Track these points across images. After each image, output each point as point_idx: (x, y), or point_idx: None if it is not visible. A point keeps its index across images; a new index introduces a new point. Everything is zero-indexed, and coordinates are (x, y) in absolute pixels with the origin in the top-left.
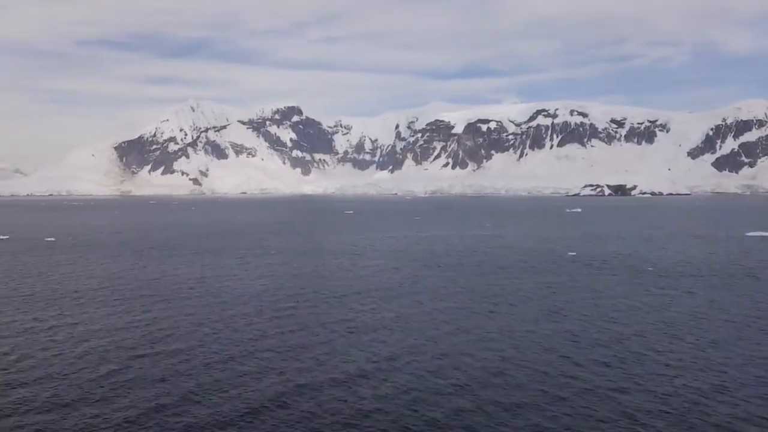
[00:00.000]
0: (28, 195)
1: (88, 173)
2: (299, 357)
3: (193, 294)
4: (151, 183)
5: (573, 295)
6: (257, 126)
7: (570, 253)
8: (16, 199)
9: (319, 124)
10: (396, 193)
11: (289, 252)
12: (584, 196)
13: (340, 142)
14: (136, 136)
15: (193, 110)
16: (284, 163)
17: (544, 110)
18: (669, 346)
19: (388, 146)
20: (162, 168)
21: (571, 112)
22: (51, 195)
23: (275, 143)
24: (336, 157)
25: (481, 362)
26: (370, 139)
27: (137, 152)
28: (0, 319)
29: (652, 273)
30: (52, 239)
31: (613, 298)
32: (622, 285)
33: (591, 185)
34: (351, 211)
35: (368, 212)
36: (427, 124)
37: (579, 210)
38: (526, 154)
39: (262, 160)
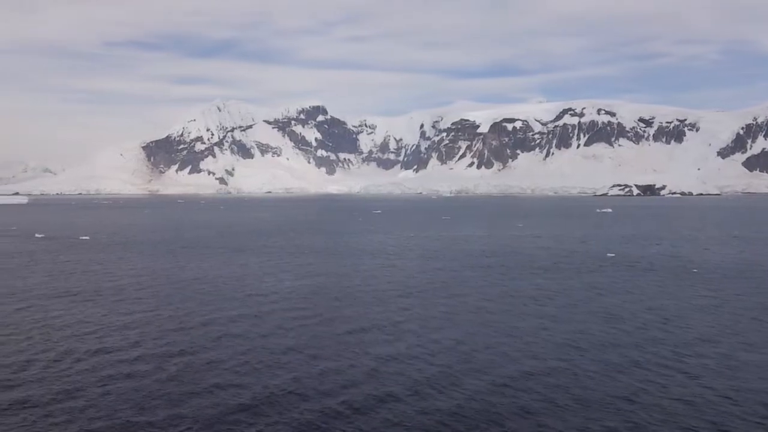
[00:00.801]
0: (57, 194)
1: (117, 172)
2: (355, 356)
3: (234, 292)
4: (178, 182)
5: (623, 297)
6: (283, 125)
7: (609, 254)
8: (47, 198)
9: (344, 123)
10: (421, 193)
11: (325, 251)
12: (612, 196)
13: (365, 142)
14: (164, 136)
15: (220, 110)
16: (309, 162)
17: (570, 109)
18: (736, 349)
19: (412, 146)
20: (189, 167)
21: (599, 111)
22: (80, 194)
23: (300, 143)
24: (361, 156)
25: (548, 366)
26: (395, 138)
27: (164, 151)
28: (48, 315)
29: (699, 275)
30: (87, 238)
31: (665, 299)
32: (671, 287)
33: (619, 185)
34: (379, 211)
35: (396, 212)
36: (452, 124)
37: (610, 210)
38: (553, 154)
39: (288, 159)
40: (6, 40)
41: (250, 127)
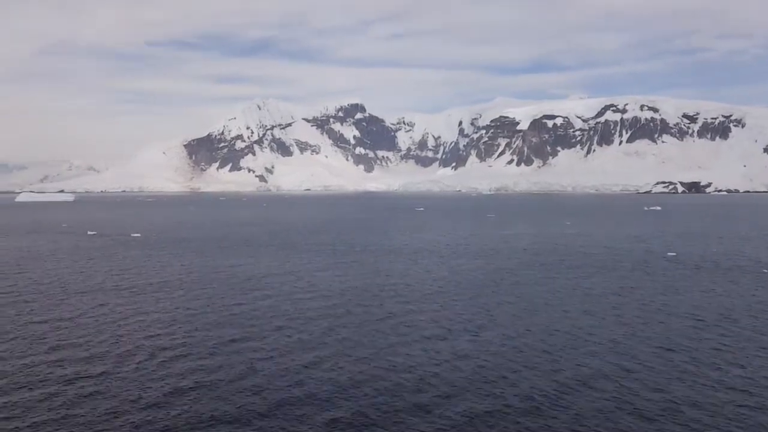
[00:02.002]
0: (101, 191)
1: (159, 170)
2: (424, 352)
3: (295, 290)
4: (218, 180)
5: (698, 298)
6: (321, 123)
7: (670, 253)
8: (92, 196)
9: (382, 121)
10: (459, 190)
11: (379, 249)
12: (656, 193)
13: (403, 139)
14: (205, 134)
15: (260, 108)
16: (347, 160)
17: (612, 105)
18: None
19: (451, 143)
20: (229, 165)
21: (642, 107)
22: (123, 191)
23: (339, 140)
24: (399, 154)
25: (633, 371)
26: (433, 135)
27: (206, 150)
28: (112, 309)
29: None
30: (138, 235)
31: (743, 301)
32: (746, 288)
33: (663, 182)
34: (422, 208)
35: (440, 210)
36: (491, 121)
37: (659, 208)
38: (594, 151)
39: (326, 157)
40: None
41: (290, 125)
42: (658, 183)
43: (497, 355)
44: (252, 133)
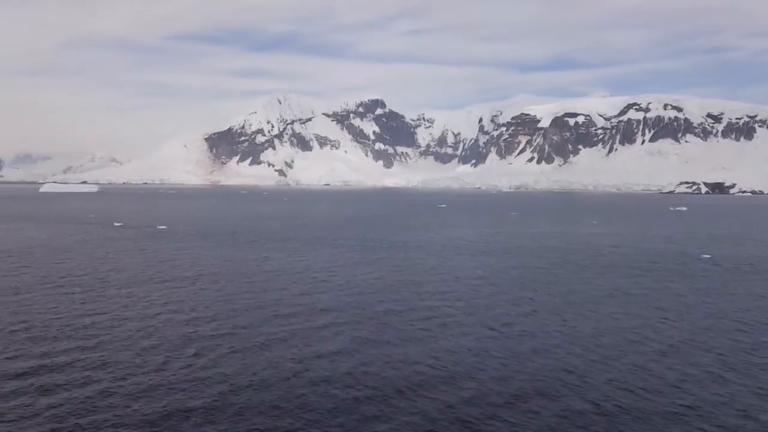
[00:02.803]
0: (123, 183)
1: (180, 163)
2: (469, 352)
3: (327, 284)
4: (239, 173)
5: (742, 302)
6: (341, 119)
7: (704, 255)
8: (114, 187)
9: (402, 117)
10: (479, 188)
11: (404, 246)
12: (679, 193)
13: (423, 136)
14: (226, 128)
15: (280, 103)
16: (367, 155)
17: (635, 104)
18: None
19: (470, 140)
20: (249, 159)
21: (665, 106)
22: (145, 183)
23: (358, 136)
24: (418, 150)
25: (695, 377)
26: (453, 132)
27: (226, 143)
28: (150, 301)
29: None
30: (164, 227)
31: None
32: None
33: (687, 183)
34: (444, 205)
35: (461, 207)
36: (512, 118)
37: (684, 208)
38: (616, 149)
39: (346, 152)
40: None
41: (310, 120)
42: (681, 183)
43: (548, 357)
44: (272, 127)
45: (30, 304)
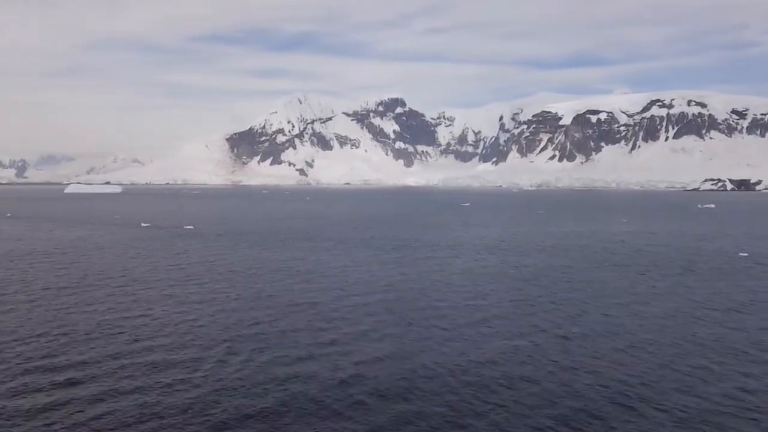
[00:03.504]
0: (146, 183)
1: (202, 163)
2: (513, 354)
3: (359, 284)
4: (259, 173)
5: None
6: (361, 118)
7: (742, 254)
8: (137, 187)
9: (422, 115)
10: (500, 186)
11: (435, 245)
12: (704, 191)
13: (443, 134)
14: (247, 128)
15: (301, 103)
16: (387, 154)
17: (658, 100)
18: None
19: (491, 138)
20: (270, 159)
21: (689, 102)
22: (167, 183)
23: (378, 135)
24: (438, 148)
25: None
26: (473, 130)
27: (247, 143)
28: (183, 300)
29: None
30: (191, 227)
31: None
32: None
33: (711, 180)
34: (468, 204)
35: (486, 205)
36: (533, 116)
37: (712, 206)
38: (639, 147)
39: (366, 151)
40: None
41: (330, 119)
42: (706, 180)
43: (607, 360)
44: (293, 127)
45: (71, 305)
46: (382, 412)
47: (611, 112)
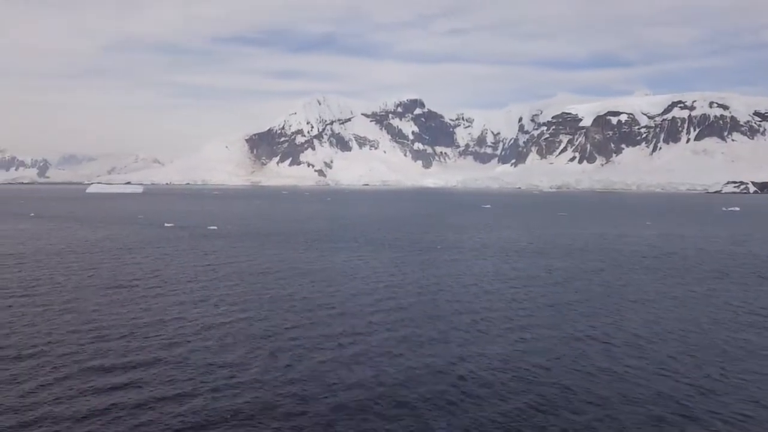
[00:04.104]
0: (166, 183)
1: (222, 164)
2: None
3: (394, 288)
4: (279, 174)
5: None
6: (380, 119)
7: None
8: (158, 188)
9: (441, 117)
10: (519, 188)
11: (461, 247)
12: (727, 193)
13: (462, 135)
14: (266, 129)
15: (320, 103)
16: (406, 155)
17: (680, 102)
18: None
19: (510, 139)
20: (289, 159)
21: (711, 104)
22: (187, 184)
23: (397, 136)
24: (457, 150)
25: None
26: (492, 132)
27: (266, 144)
28: (219, 300)
29: None
30: (215, 228)
31: None
32: None
33: (734, 182)
34: (489, 206)
35: (507, 207)
36: (553, 117)
37: (737, 209)
38: (660, 149)
39: (385, 152)
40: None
41: (349, 120)
42: (728, 183)
43: (646, 366)
44: (312, 128)
45: (104, 305)
46: (434, 419)
47: (632, 114)
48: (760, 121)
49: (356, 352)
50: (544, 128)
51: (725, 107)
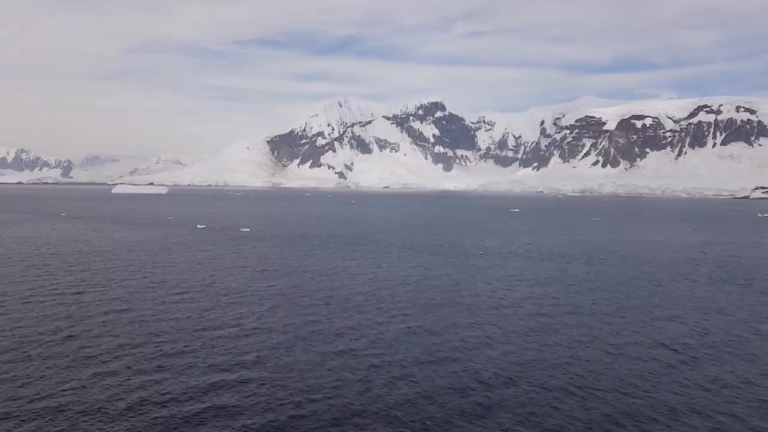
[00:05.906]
0: (188, 184)
1: (243, 165)
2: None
3: (443, 294)
4: (299, 176)
5: None
6: (401, 121)
7: None
8: (181, 188)
9: (462, 119)
10: (541, 191)
11: (501, 252)
12: (755, 199)
13: (483, 138)
14: (287, 131)
15: (341, 106)
16: (426, 158)
17: (706, 106)
18: None
19: (532, 143)
20: (310, 161)
21: (737, 108)
22: (209, 185)
23: (418, 139)
24: (478, 153)
25: None
26: (514, 135)
27: (288, 146)
28: (267, 305)
29: None
30: (248, 230)
31: None
32: None
33: (763, 187)
34: (517, 210)
35: (536, 212)
36: (576, 120)
37: None
38: (685, 153)
39: (405, 155)
40: (142, 39)
41: (369, 122)
42: (757, 188)
43: (734, 383)
44: (333, 130)
45: (156, 306)
46: (468, 422)
47: (657, 118)
48: None
49: (404, 354)
50: (567, 132)
51: (752, 111)
